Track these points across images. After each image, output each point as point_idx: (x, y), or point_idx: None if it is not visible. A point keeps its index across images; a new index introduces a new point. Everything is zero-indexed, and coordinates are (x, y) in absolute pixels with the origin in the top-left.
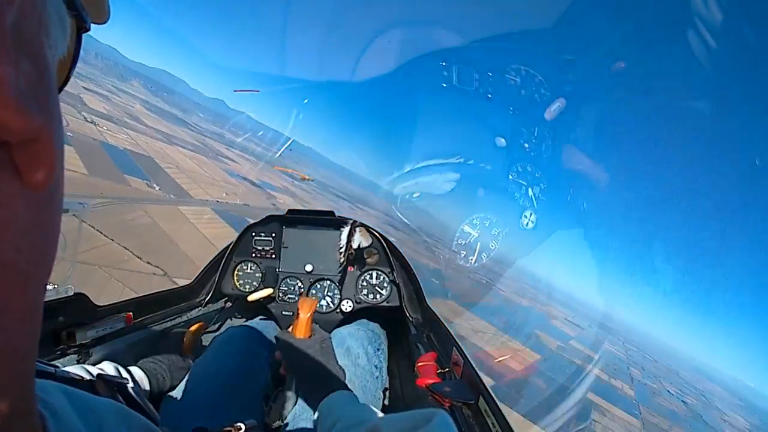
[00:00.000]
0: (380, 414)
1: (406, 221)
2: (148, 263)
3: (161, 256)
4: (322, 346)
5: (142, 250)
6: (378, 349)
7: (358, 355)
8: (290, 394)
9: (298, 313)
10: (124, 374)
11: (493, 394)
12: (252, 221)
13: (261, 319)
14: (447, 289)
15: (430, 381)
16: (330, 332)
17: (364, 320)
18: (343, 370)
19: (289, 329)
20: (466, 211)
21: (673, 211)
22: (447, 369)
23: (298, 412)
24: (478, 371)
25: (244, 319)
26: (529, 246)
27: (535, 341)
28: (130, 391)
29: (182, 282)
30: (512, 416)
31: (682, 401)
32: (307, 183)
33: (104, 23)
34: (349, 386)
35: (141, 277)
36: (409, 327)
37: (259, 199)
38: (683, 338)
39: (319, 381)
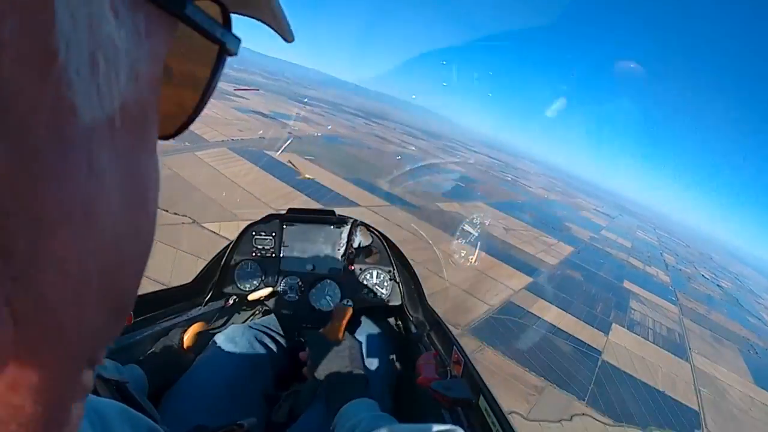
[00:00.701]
0: (398, 424)
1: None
2: (176, 214)
3: (187, 204)
4: (352, 351)
5: (166, 202)
6: (390, 357)
7: (374, 365)
8: (306, 394)
9: (333, 319)
10: (124, 373)
11: (494, 393)
12: (269, 153)
13: (261, 318)
14: (473, 191)
15: (431, 380)
16: None
17: (374, 325)
18: (368, 378)
19: (321, 330)
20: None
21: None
22: (448, 368)
23: (313, 412)
24: (478, 370)
25: (245, 319)
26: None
27: (567, 234)
28: (130, 390)
29: (212, 226)
30: (552, 311)
31: (717, 285)
32: (321, 107)
33: (291, 42)
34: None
35: (171, 229)
36: (409, 326)
37: (274, 129)
38: (714, 222)
39: (346, 385)
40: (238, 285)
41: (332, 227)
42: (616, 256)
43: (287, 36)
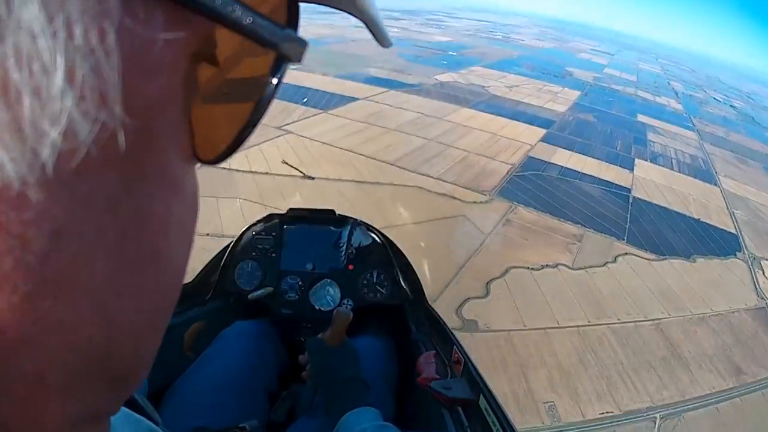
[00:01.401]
0: None
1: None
2: None
3: None
4: (352, 358)
5: None
6: (390, 357)
7: (374, 366)
8: (306, 397)
9: (332, 324)
10: None
11: (494, 393)
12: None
13: (262, 318)
14: (467, 57)
15: (431, 380)
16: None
17: (375, 325)
18: (369, 386)
19: (320, 336)
20: None
21: None
22: (448, 368)
23: (312, 420)
24: (479, 370)
25: (245, 318)
26: None
27: (570, 79)
28: None
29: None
30: (573, 157)
31: (731, 106)
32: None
33: (387, 47)
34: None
35: None
36: (409, 326)
37: None
38: (714, 41)
39: (346, 393)
40: (238, 285)
41: (332, 227)
42: (624, 91)
43: (380, 37)
